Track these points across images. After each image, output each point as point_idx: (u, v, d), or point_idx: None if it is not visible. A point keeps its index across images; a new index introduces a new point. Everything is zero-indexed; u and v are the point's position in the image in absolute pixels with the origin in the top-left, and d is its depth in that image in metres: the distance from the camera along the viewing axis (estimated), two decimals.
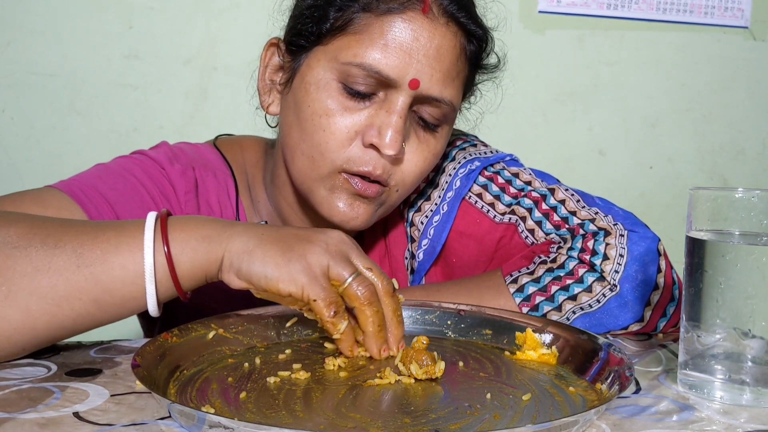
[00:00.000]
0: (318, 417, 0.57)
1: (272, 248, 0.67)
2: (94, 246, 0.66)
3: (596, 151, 2.05)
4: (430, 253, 0.96)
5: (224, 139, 1.02)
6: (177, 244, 0.67)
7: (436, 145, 0.89)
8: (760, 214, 0.64)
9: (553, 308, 0.85)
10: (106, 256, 0.66)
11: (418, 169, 0.88)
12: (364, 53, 0.81)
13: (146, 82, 1.78)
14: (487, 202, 0.95)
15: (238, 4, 1.80)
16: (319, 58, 0.85)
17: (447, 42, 0.84)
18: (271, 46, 0.92)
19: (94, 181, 0.84)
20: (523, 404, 0.60)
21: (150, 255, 0.66)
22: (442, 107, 0.85)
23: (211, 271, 0.69)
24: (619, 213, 0.92)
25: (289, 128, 0.88)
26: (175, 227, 0.68)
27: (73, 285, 0.65)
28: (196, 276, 0.69)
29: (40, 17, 1.71)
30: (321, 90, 0.84)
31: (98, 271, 0.65)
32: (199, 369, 0.67)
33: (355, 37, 0.82)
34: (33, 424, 0.55)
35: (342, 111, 0.83)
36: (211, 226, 0.69)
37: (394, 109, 0.83)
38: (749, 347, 0.63)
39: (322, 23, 0.84)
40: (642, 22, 2.01)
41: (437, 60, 0.83)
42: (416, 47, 0.82)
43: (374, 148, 0.83)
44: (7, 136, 1.74)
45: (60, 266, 0.65)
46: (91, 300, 0.66)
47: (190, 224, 0.69)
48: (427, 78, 0.82)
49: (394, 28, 0.81)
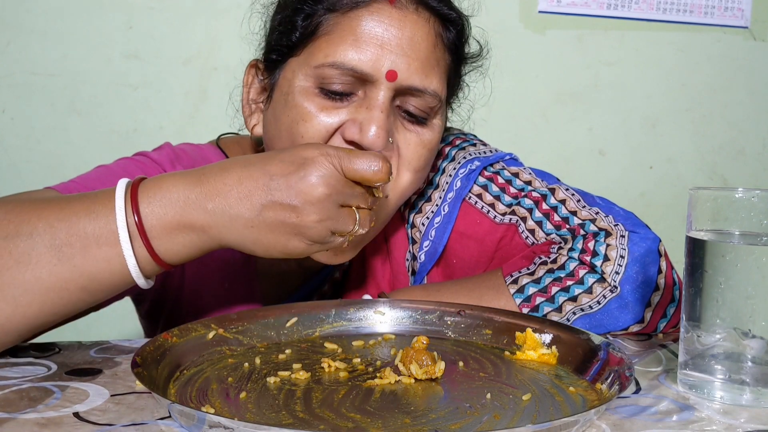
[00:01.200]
0: (318, 417, 0.57)
1: (269, 237, 0.68)
2: (70, 236, 0.65)
3: (596, 151, 2.05)
4: (431, 255, 0.95)
5: (227, 138, 1.02)
6: (160, 240, 0.67)
7: (428, 138, 0.86)
8: (760, 214, 0.64)
9: (553, 309, 0.85)
10: (86, 250, 0.65)
11: (412, 167, 0.85)
12: (335, 52, 0.80)
13: (146, 82, 1.78)
14: (487, 203, 0.95)
15: (239, 4, 1.80)
16: (294, 69, 0.84)
17: (420, 29, 0.82)
18: (251, 68, 0.93)
19: (94, 182, 0.84)
20: (523, 404, 0.60)
21: (131, 257, 0.66)
22: (426, 98, 0.83)
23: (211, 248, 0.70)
24: (620, 213, 0.92)
25: (272, 142, 0.87)
26: (151, 219, 0.66)
27: (57, 276, 0.65)
28: (188, 258, 0.70)
29: (40, 17, 1.71)
30: (297, 97, 0.82)
31: (80, 264, 0.65)
32: (199, 369, 0.67)
33: (324, 39, 0.82)
34: (33, 424, 0.55)
35: (319, 111, 0.81)
36: (193, 211, 0.67)
37: (374, 105, 0.80)
38: (749, 347, 0.63)
39: (292, 33, 0.83)
40: (642, 22, 2.01)
41: (412, 49, 0.81)
42: (388, 38, 0.80)
43: (354, 145, 0.80)
44: (7, 136, 1.74)
45: (41, 259, 0.64)
46: (79, 288, 0.66)
47: (165, 217, 0.67)
48: (404, 68, 0.80)
49: (362, 22, 0.80)
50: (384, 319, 0.81)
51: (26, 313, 0.65)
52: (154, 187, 0.67)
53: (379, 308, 0.81)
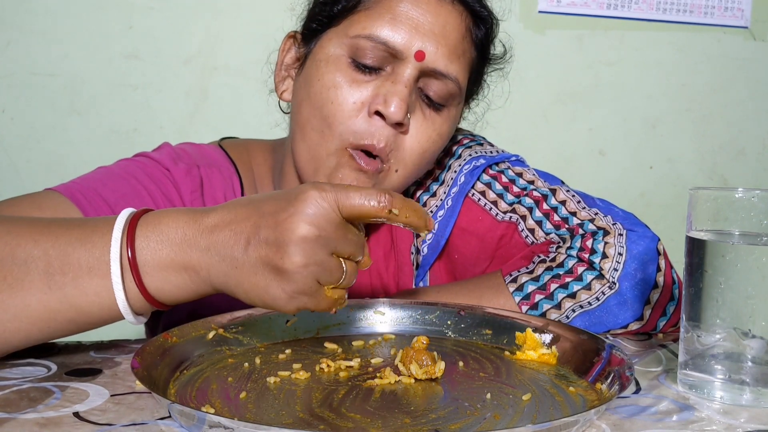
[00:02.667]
0: (318, 417, 0.57)
1: (249, 281, 0.61)
2: (64, 265, 0.62)
3: (596, 151, 2.05)
4: (434, 248, 0.97)
5: (229, 141, 1.02)
6: (153, 278, 0.62)
7: (441, 124, 0.90)
8: (760, 214, 0.64)
9: (552, 306, 0.85)
10: (77, 281, 0.62)
11: (421, 147, 0.89)
12: (373, 26, 0.85)
13: (146, 82, 1.78)
14: (490, 200, 0.96)
15: (239, 4, 1.80)
16: (331, 38, 0.88)
17: (453, 20, 0.87)
18: (288, 39, 0.95)
19: (94, 183, 0.84)
20: (523, 404, 0.60)
21: (121, 292, 0.62)
22: (447, 84, 0.88)
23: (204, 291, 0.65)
24: (619, 213, 0.93)
25: (299, 107, 0.90)
26: (145, 256, 0.62)
27: (45, 306, 0.62)
28: (182, 300, 0.65)
29: (40, 17, 1.71)
30: (330, 64, 0.87)
31: (71, 294, 0.62)
32: (199, 369, 0.67)
33: (365, 13, 0.86)
34: (33, 424, 0.55)
35: (350, 83, 0.86)
36: (185, 252, 0.62)
37: (400, 80, 0.85)
38: (749, 347, 0.63)
39: (335, 4, 0.88)
40: (642, 22, 2.01)
41: (443, 36, 0.86)
42: (423, 22, 0.85)
43: (379, 116, 0.85)
44: (7, 136, 1.74)
45: (32, 286, 0.62)
46: (67, 320, 0.63)
47: (162, 248, 0.62)
48: (432, 51, 0.85)
49: (402, 4, 0.85)
50: (384, 319, 0.81)
51: (10, 340, 0.63)
52: (154, 221, 0.64)
53: (379, 308, 0.81)
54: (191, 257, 0.62)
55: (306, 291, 0.60)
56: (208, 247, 0.62)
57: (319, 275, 0.60)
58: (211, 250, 0.62)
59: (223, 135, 1.06)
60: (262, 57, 1.00)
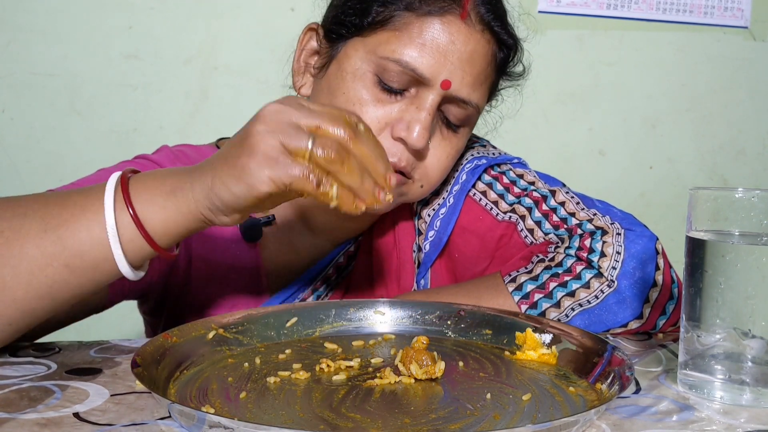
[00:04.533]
0: (318, 417, 0.57)
1: (224, 168, 0.64)
2: (61, 210, 0.65)
3: (596, 151, 2.05)
4: (436, 245, 0.97)
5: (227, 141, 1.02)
6: (142, 203, 0.66)
7: (457, 143, 0.92)
8: (760, 214, 0.64)
9: (551, 305, 0.85)
10: (71, 220, 0.65)
11: (442, 165, 0.91)
12: (402, 50, 0.85)
13: (146, 82, 1.78)
14: (491, 200, 0.97)
15: (239, 4, 1.80)
16: (357, 48, 0.87)
17: (481, 48, 0.87)
18: (309, 31, 0.95)
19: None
20: (523, 404, 0.60)
21: (111, 217, 0.65)
22: (468, 109, 0.89)
23: (193, 224, 0.67)
24: (617, 214, 0.93)
25: None
26: (137, 186, 0.67)
27: (41, 251, 0.64)
28: (174, 232, 0.67)
29: (40, 17, 1.71)
30: (357, 80, 0.87)
31: (64, 235, 0.65)
32: (199, 369, 0.67)
33: (394, 34, 0.85)
34: (33, 424, 0.55)
35: (375, 102, 0.86)
36: (173, 178, 0.67)
37: (424, 106, 0.86)
38: (749, 347, 0.63)
39: (364, 16, 0.87)
40: (642, 22, 2.01)
41: (470, 64, 0.86)
42: (452, 50, 0.85)
43: (401, 141, 0.86)
44: (7, 136, 1.74)
45: (29, 234, 0.64)
46: (62, 265, 0.65)
47: (153, 180, 0.67)
48: (458, 80, 0.86)
49: (432, 29, 0.85)
50: (384, 319, 0.81)
51: (15, 295, 0.64)
52: (148, 172, 0.69)
53: (379, 308, 0.81)
54: (179, 180, 0.67)
55: (270, 155, 0.62)
56: (193, 170, 0.67)
57: (281, 137, 0.62)
58: (195, 169, 0.67)
59: (223, 135, 1.06)
60: (263, 57, 1.01)
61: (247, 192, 0.63)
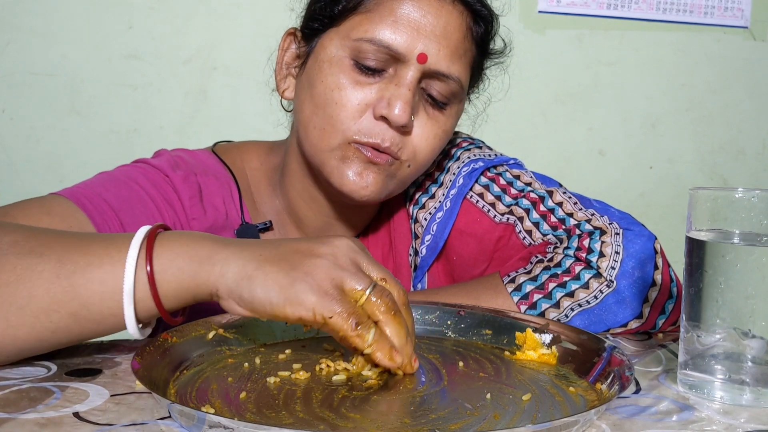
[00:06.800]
0: (318, 417, 0.57)
1: (273, 269, 0.62)
2: (80, 257, 0.63)
3: (596, 151, 2.05)
4: (432, 249, 0.97)
5: (222, 145, 1.03)
6: (162, 261, 0.63)
7: (445, 122, 0.91)
8: (760, 214, 0.64)
9: (551, 305, 0.85)
10: (88, 269, 0.62)
11: (429, 145, 0.91)
12: (375, 29, 0.85)
13: (146, 82, 1.78)
14: (488, 202, 0.96)
15: (238, 4, 1.80)
16: (332, 38, 0.88)
17: (453, 20, 0.87)
18: (288, 36, 0.96)
19: (98, 189, 0.85)
20: (523, 404, 0.60)
21: (131, 273, 0.62)
22: (449, 83, 0.88)
23: (200, 293, 0.64)
24: (615, 214, 0.93)
25: (302, 105, 0.91)
26: (163, 243, 0.64)
27: (51, 296, 0.62)
28: (181, 296, 0.64)
29: (40, 17, 1.71)
30: (334, 66, 0.87)
31: (77, 284, 0.62)
32: (199, 369, 0.67)
33: (366, 16, 0.86)
34: (33, 424, 0.55)
35: (353, 85, 0.86)
36: (204, 245, 0.64)
37: (403, 83, 0.86)
38: (749, 347, 0.63)
39: (335, 5, 0.88)
40: (642, 22, 2.01)
41: (444, 37, 0.86)
42: (424, 24, 0.85)
43: (384, 120, 0.86)
44: (7, 136, 1.74)
45: (41, 276, 0.62)
46: (69, 313, 0.63)
47: (181, 240, 0.64)
48: (434, 53, 0.86)
49: (403, 6, 0.86)
50: None
51: (16, 334, 0.63)
52: (182, 232, 0.67)
53: None
54: (207, 247, 0.64)
55: (324, 286, 0.61)
56: (227, 243, 0.65)
57: (343, 274, 0.63)
58: (237, 248, 0.64)
59: (222, 135, 1.06)
60: (262, 57, 1.01)
61: (282, 306, 0.61)
